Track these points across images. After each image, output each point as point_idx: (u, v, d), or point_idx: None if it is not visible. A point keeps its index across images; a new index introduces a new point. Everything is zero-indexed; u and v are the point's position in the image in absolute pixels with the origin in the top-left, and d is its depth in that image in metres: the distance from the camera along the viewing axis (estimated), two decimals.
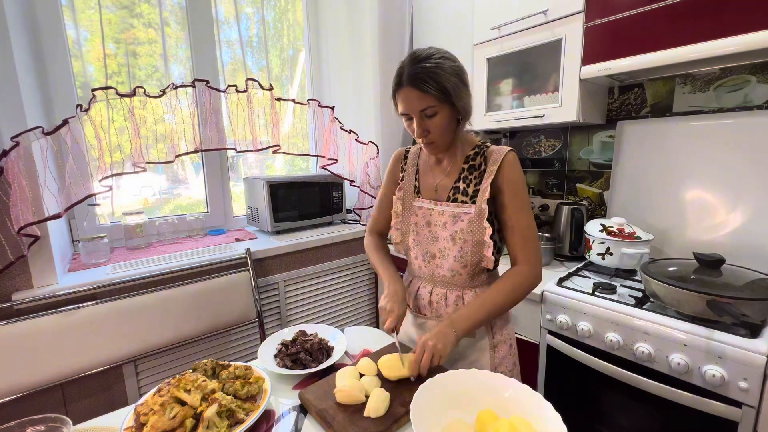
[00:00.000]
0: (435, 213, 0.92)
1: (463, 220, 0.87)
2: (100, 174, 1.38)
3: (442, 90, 0.79)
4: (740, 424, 0.88)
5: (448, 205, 0.90)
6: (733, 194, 1.25)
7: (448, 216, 0.89)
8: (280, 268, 1.68)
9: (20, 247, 1.11)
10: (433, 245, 0.92)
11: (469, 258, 0.87)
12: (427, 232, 0.93)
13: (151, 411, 0.65)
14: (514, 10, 1.45)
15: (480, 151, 0.90)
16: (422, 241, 0.94)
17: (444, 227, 0.90)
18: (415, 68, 0.79)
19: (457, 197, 0.90)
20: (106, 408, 1.26)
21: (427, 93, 0.79)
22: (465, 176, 0.90)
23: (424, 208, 0.94)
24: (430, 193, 0.95)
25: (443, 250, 0.90)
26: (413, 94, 0.80)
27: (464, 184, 0.89)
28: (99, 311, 1.21)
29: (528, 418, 0.62)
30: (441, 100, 0.80)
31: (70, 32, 1.41)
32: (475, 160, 0.90)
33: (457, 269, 0.89)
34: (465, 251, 0.87)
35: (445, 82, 0.79)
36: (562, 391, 1.24)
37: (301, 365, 0.88)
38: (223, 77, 1.70)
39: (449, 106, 0.82)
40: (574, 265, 1.45)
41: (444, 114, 0.82)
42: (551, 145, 1.77)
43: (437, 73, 0.78)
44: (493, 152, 0.88)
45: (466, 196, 0.89)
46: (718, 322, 0.94)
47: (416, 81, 0.79)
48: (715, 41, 1.02)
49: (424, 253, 0.94)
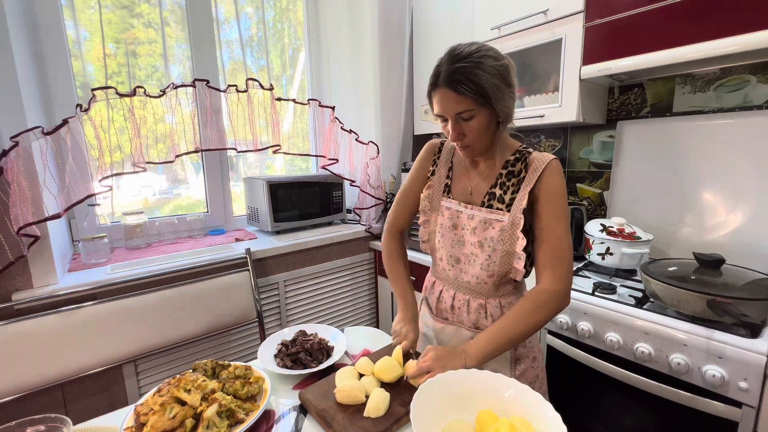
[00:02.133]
0: (464, 216, 0.87)
1: (494, 227, 0.82)
2: (100, 174, 1.38)
3: (480, 93, 0.72)
4: (740, 424, 0.88)
5: (480, 210, 0.85)
6: (733, 194, 1.25)
7: (478, 221, 0.84)
8: (280, 268, 1.68)
9: (20, 247, 1.11)
10: (459, 249, 0.87)
11: (497, 268, 0.82)
12: (453, 235, 0.88)
13: (151, 411, 0.65)
14: (514, 10, 1.45)
15: (521, 157, 0.83)
16: (447, 243, 0.89)
17: (473, 232, 0.85)
18: (452, 67, 0.73)
19: (492, 203, 0.84)
20: (106, 408, 1.26)
21: (464, 95, 0.73)
22: (502, 182, 0.84)
23: (452, 210, 0.89)
24: (464, 196, 0.89)
25: (469, 256, 0.86)
26: (449, 96, 0.75)
27: (501, 190, 0.83)
28: (99, 311, 1.21)
29: (528, 418, 0.62)
30: (479, 104, 0.74)
31: (70, 32, 1.41)
32: (515, 166, 0.83)
33: (482, 277, 0.85)
34: (493, 260, 0.82)
35: (484, 84, 0.72)
36: (562, 391, 1.24)
37: (301, 365, 0.88)
38: (223, 77, 1.70)
39: (488, 109, 0.75)
40: (575, 265, 1.45)
41: (482, 117, 0.76)
42: (551, 145, 1.77)
43: (476, 74, 0.72)
44: (535, 159, 0.81)
45: (502, 203, 0.83)
46: (718, 322, 0.94)
47: (452, 82, 0.73)
48: (715, 41, 1.02)
49: (449, 256, 0.89)
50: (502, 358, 0.86)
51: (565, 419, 0.59)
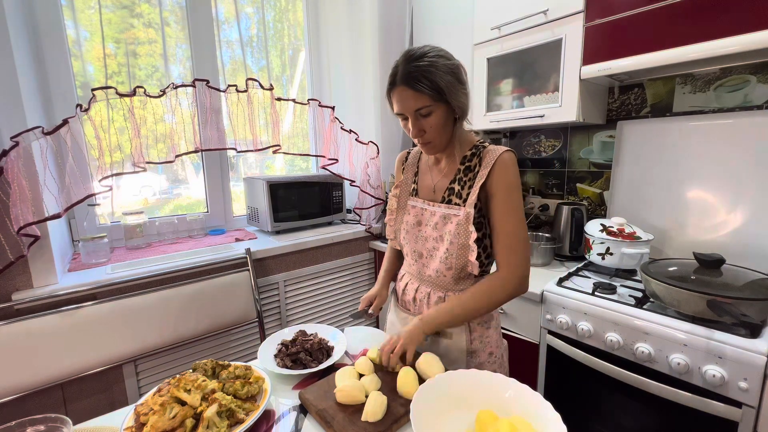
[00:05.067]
0: (427, 213, 0.92)
1: (452, 222, 0.86)
2: (100, 174, 1.38)
3: (436, 89, 0.77)
4: (740, 424, 0.89)
5: (440, 207, 0.90)
6: (733, 194, 1.25)
7: (439, 217, 0.89)
8: (280, 268, 1.68)
9: (20, 247, 1.11)
10: (422, 245, 0.93)
11: (454, 261, 0.86)
12: (417, 231, 0.93)
13: (151, 411, 0.65)
14: (514, 10, 1.45)
15: (476, 152, 0.88)
16: (411, 239, 0.95)
17: (435, 228, 0.89)
18: (408, 67, 0.78)
19: (451, 198, 0.89)
20: (106, 408, 1.26)
21: (421, 92, 0.78)
22: (460, 178, 0.88)
23: (417, 208, 0.95)
24: (428, 194, 0.95)
25: (431, 251, 0.91)
26: (407, 94, 0.79)
27: (459, 185, 0.88)
28: (99, 311, 1.21)
29: (528, 418, 0.62)
30: (435, 99, 0.79)
31: (70, 32, 1.41)
32: (471, 161, 0.87)
33: (442, 270, 0.89)
34: (450, 253, 0.86)
35: (439, 81, 0.77)
36: (562, 391, 1.24)
37: (301, 365, 0.88)
38: (223, 77, 1.70)
39: (444, 105, 0.81)
40: (574, 265, 1.46)
41: (439, 113, 0.81)
42: (551, 145, 1.77)
43: (431, 72, 0.77)
44: (488, 153, 0.86)
45: (460, 198, 0.87)
46: (718, 322, 0.94)
47: (410, 80, 0.78)
48: (715, 41, 1.02)
49: (413, 251, 0.95)
50: (459, 349, 0.91)
51: (565, 419, 0.59)
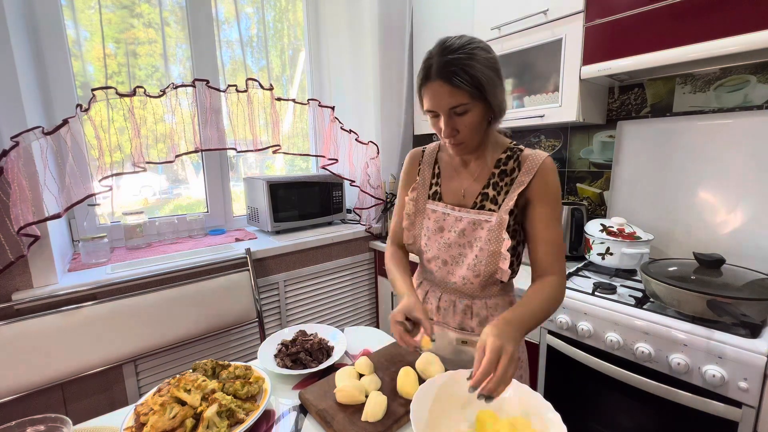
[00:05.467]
0: (450, 219, 0.86)
1: (483, 228, 0.81)
2: (100, 174, 1.38)
3: (476, 85, 0.70)
4: (740, 424, 0.88)
5: (469, 212, 0.83)
6: (733, 194, 1.25)
7: (466, 223, 0.83)
8: (280, 268, 1.68)
9: (20, 247, 1.11)
10: (445, 252, 0.86)
11: (483, 268, 0.81)
12: (439, 238, 0.87)
13: (151, 411, 0.65)
14: (514, 9, 1.45)
15: (513, 155, 0.82)
16: (433, 246, 0.88)
17: (462, 234, 0.83)
18: (445, 59, 0.70)
19: (485, 204, 0.82)
20: (106, 408, 1.26)
21: (460, 88, 0.70)
22: (495, 182, 0.82)
23: (438, 213, 0.88)
24: (456, 198, 0.87)
25: (456, 257, 0.85)
26: (443, 90, 0.71)
27: (494, 191, 0.82)
28: (99, 311, 1.21)
29: (528, 418, 0.62)
30: (474, 97, 0.71)
31: (70, 32, 1.41)
32: (507, 164, 0.81)
33: (469, 278, 0.84)
34: (480, 260, 0.81)
35: (479, 76, 0.69)
36: (562, 391, 1.24)
37: (301, 365, 0.88)
38: (223, 77, 1.70)
39: (482, 103, 0.73)
40: (575, 265, 1.45)
41: (476, 112, 0.73)
42: (551, 145, 1.77)
43: (471, 66, 0.69)
44: (527, 157, 0.80)
45: (495, 203, 0.81)
46: (718, 322, 0.94)
47: (447, 74, 0.69)
48: (715, 41, 1.02)
49: (436, 258, 0.88)
50: None
51: (565, 419, 0.59)
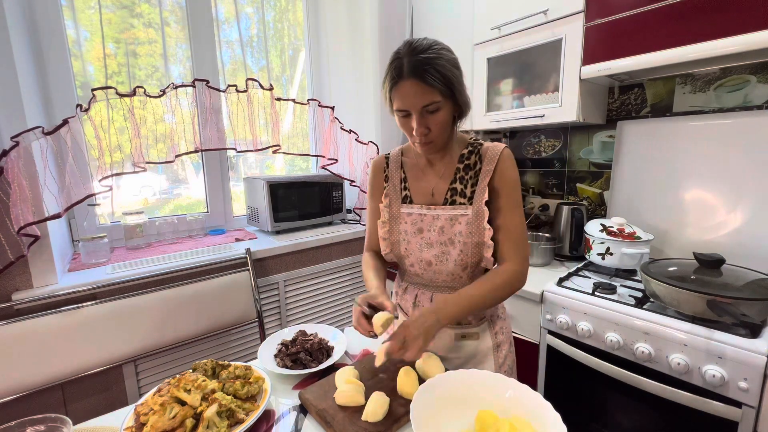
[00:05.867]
0: (428, 218, 0.87)
1: (460, 222, 0.83)
2: (100, 174, 1.38)
3: (446, 84, 0.73)
4: (740, 424, 0.89)
5: (444, 209, 0.86)
6: (733, 194, 1.25)
7: (444, 220, 0.85)
8: (280, 268, 1.68)
9: (20, 247, 1.11)
10: (428, 252, 0.87)
11: (469, 260, 0.84)
12: (420, 239, 0.88)
13: (151, 411, 0.65)
14: (514, 10, 1.45)
15: (474, 149, 0.86)
16: (415, 249, 0.88)
17: (441, 232, 0.85)
18: (417, 59, 0.71)
19: (455, 199, 0.85)
20: (106, 408, 1.26)
21: (432, 86, 0.72)
22: (461, 177, 0.86)
23: (414, 215, 0.89)
24: (426, 198, 0.89)
25: (440, 256, 0.86)
26: (416, 88, 0.73)
27: (461, 185, 0.85)
28: (99, 311, 1.21)
29: (528, 418, 0.62)
30: (445, 95, 0.74)
31: (70, 32, 1.41)
32: (470, 159, 0.85)
33: (457, 272, 0.86)
34: (465, 253, 0.83)
35: (450, 75, 0.73)
36: (562, 391, 1.24)
37: (301, 365, 0.88)
38: (223, 77, 1.70)
39: (451, 101, 0.77)
40: (574, 265, 1.46)
41: (446, 110, 0.77)
42: (551, 145, 1.77)
43: (442, 65, 0.72)
44: (488, 150, 0.84)
45: (464, 197, 0.85)
46: (718, 322, 0.94)
47: (420, 73, 0.71)
48: (716, 41, 1.02)
49: (419, 260, 0.89)
50: (485, 346, 0.90)
51: (565, 419, 0.59)
